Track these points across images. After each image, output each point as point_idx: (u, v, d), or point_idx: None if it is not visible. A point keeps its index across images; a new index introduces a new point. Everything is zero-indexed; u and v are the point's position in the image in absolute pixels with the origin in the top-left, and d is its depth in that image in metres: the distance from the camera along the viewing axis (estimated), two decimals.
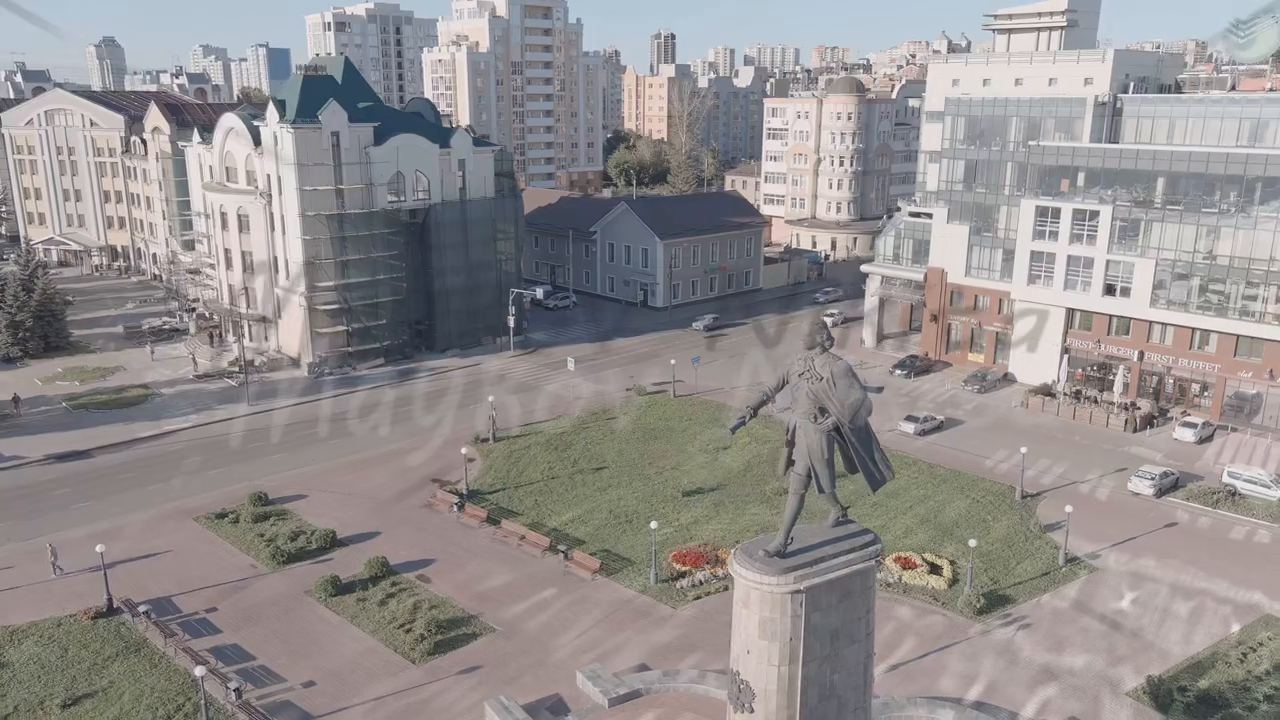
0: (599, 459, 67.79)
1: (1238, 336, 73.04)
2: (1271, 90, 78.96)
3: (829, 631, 25.22)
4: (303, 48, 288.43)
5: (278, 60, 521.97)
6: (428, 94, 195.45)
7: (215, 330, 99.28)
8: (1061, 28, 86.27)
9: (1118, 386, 78.23)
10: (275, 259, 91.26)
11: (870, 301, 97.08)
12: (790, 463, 25.53)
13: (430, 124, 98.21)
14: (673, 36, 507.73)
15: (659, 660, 44.01)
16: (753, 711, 25.45)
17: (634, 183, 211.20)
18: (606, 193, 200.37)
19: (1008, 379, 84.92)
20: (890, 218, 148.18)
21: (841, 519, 26.61)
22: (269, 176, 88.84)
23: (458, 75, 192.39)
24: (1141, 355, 78.02)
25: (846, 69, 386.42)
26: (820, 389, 24.27)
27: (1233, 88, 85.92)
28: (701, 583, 50.43)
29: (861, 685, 26.78)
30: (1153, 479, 62.10)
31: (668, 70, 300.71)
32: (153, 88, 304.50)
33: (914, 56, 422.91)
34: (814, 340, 24.53)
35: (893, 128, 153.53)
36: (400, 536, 56.27)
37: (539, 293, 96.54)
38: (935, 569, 51.46)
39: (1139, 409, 75.73)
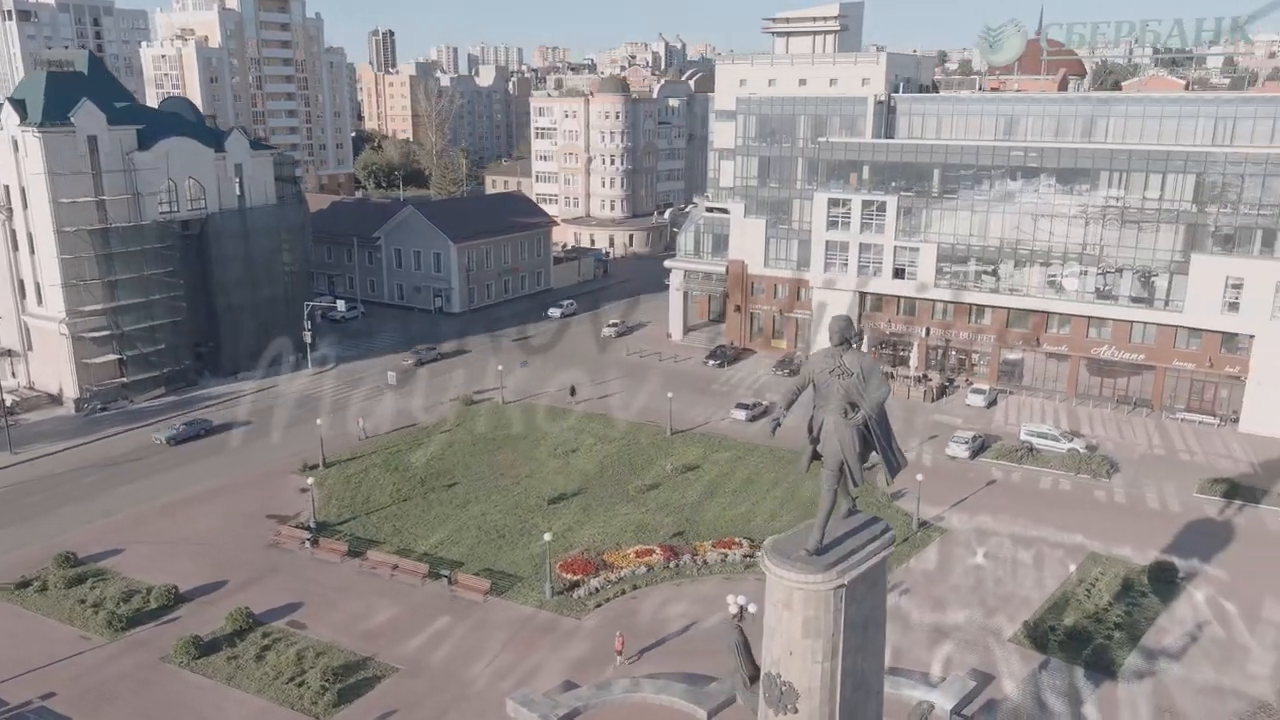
0: (447, 475, 64.79)
1: (1009, 310, 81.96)
2: (1019, 90, 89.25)
3: (861, 622, 25.68)
4: None
5: None
6: (149, 94, 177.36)
7: None
8: (835, 31, 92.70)
9: (912, 361, 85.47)
10: (21, 282, 79.40)
11: (675, 295, 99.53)
12: (814, 458, 25.63)
13: (196, 125, 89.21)
14: (391, 34, 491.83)
15: (582, 674, 42.85)
16: (796, 711, 25.42)
17: (386, 185, 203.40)
18: (358, 194, 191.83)
19: None
20: (662, 214, 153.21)
21: (852, 509, 27.08)
22: (7, 188, 77.15)
23: (186, 73, 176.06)
24: (928, 331, 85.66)
25: (573, 69, 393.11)
26: (851, 384, 24.60)
27: (980, 88, 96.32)
28: (598, 589, 49.65)
29: (881, 670, 27.57)
30: (966, 443, 68.48)
31: (408, 69, 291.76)
32: None
33: (634, 58, 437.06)
34: (843, 337, 24.86)
35: (656, 126, 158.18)
36: (254, 582, 50.92)
37: (341, 306, 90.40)
38: None
39: (932, 380, 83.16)
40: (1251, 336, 72.01)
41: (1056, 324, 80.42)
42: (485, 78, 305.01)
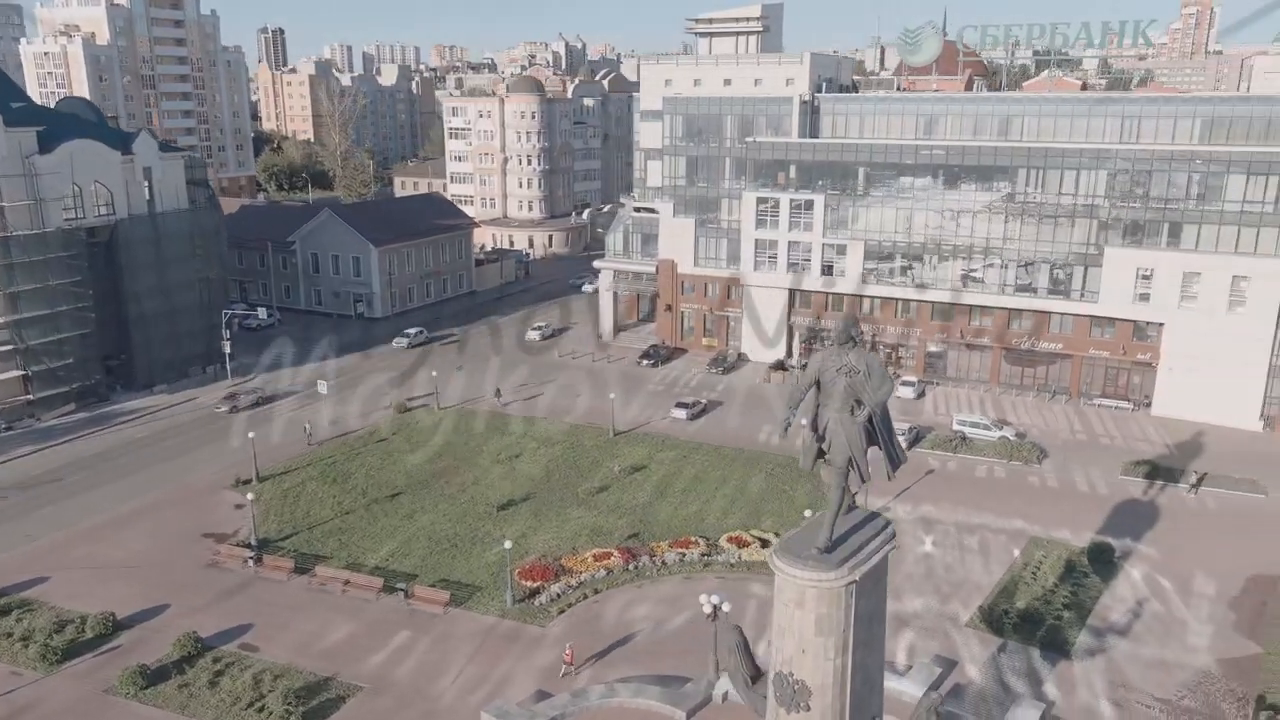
0: (389, 485, 63.13)
1: (933, 304, 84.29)
2: (937, 90, 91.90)
3: (867, 616, 26.05)
4: None
5: None
6: (32, 93, 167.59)
7: None
8: (758, 32, 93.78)
9: None
10: None
11: (605, 295, 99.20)
12: (819, 457, 25.80)
13: (98, 126, 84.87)
14: (281, 32, 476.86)
15: (553, 682, 42.27)
16: (809, 709, 25.58)
17: (289, 187, 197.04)
18: (260, 197, 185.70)
19: (743, 359, 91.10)
20: (581, 214, 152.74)
21: (852, 505, 27.39)
22: None
23: (72, 72, 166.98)
24: None
25: (473, 68, 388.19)
26: (857, 382, 24.84)
27: (899, 88, 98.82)
28: (560, 595, 49.10)
29: (883, 664, 27.97)
30: (903, 434, 69.68)
31: (306, 67, 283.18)
32: None
33: (534, 58, 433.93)
34: (848, 335, 25.08)
35: (572, 126, 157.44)
36: (197, 605, 48.61)
37: (262, 313, 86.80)
38: (766, 544, 54.11)
39: None
40: (1161, 325, 75.74)
41: (979, 316, 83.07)
42: (388, 77, 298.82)
